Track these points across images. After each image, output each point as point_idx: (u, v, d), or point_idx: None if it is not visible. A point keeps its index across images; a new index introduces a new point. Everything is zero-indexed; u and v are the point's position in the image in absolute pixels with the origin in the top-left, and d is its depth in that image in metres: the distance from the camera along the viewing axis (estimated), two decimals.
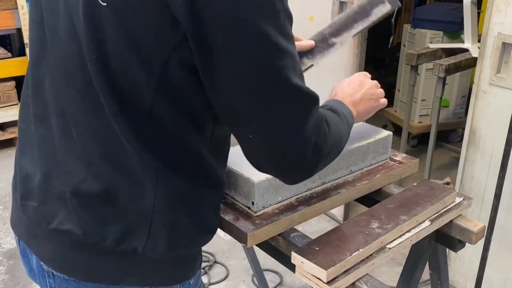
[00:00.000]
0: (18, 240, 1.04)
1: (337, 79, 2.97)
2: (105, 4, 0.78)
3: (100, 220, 0.89)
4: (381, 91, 1.16)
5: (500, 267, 2.18)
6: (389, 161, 1.34)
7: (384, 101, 1.16)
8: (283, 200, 1.12)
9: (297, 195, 1.15)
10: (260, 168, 0.88)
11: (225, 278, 2.53)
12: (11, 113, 3.68)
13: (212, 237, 0.99)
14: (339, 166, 1.20)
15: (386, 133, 1.31)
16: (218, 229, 1.10)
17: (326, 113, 0.94)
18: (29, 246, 0.99)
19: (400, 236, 1.08)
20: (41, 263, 0.96)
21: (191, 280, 0.99)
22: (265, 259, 2.25)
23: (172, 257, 0.93)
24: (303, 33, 3.14)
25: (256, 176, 1.06)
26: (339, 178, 1.22)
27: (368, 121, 1.26)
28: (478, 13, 3.01)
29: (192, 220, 0.93)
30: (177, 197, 0.90)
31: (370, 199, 1.28)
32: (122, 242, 0.89)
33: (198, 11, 0.73)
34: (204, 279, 2.48)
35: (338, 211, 2.97)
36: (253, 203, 1.07)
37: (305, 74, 0.93)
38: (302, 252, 0.97)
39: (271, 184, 1.08)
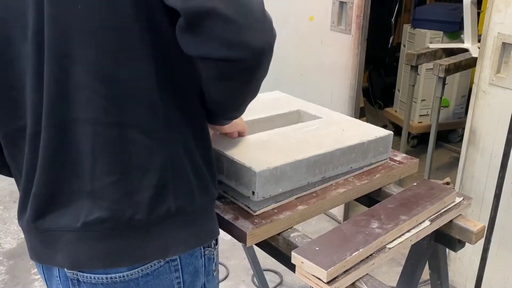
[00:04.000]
0: (42, 270, 1.00)
1: (337, 79, 2.97)
2: None
3: (125, 194, 0.86)
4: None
5: (500, 267, 2.18)
6: (389, 161, 1.34)
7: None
8: (284, 192, 1.12)
9: (297, 193, 1.15)
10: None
11: (225, 278, 2.53)
12: None
13: (217, 189, 1.00)
14: (340, 162, 1.20)
15: (386, 132, 1.31)
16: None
17: None
18: (59, 263, 0.92)
19: (400, 236, 1.08)
20: (65, 271, 0.92)
21: (216, 250, 1.02)
22: (265, 259, 2.25)
23: (200, 208, 0.93)
24: (303, 33, 3.15)
25: (258, 166, 1.06)
26: (339, 174, 1.22)
27: (368, 120, 1.26)
28: (478, 13, 3.01)
29: (203, 164, 0.93)
30: (189, 141, 0.90)
31: (370, 199, 1.28)
32: (154, 208, 0.87)
33: None
34: None
35: (338, 211, 2.97)
36: (253, 192, 1.07)
37: (305, 74, 0.92)
38: (302, 252, 0.97)
39: (272, 174, 1.07)
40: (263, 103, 1.49)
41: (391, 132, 1.32)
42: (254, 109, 1.42)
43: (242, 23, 0.76)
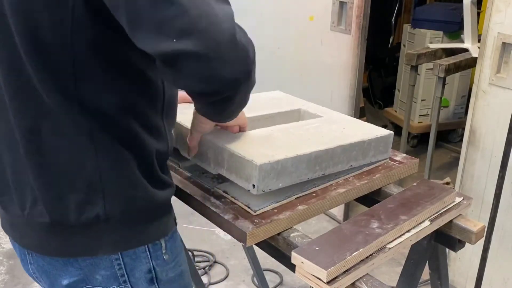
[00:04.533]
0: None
1: (337, 79, 2.98)
2: None
3: (56, 197, 0.92)
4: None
5: (500, 267, 2.18)
6: (389, 161, 1.34)
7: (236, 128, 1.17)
8: (284, 189, 1.12)
9: (297, 193, 1.15)
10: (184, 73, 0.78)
11: (225, 278, 2.53)
12: None
13: (170, 193, 1.02)
14: (340, 160, 1.20)
15: (387, 132, 1.31)
16: (218, 229, 1.10)
17: None
18: (13, 237, 1.05)
19: (400, 236, 1.08)
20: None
21: (165, 241, 1.03)
22: (265, 259, 2.25)
23: (137, 215, 0.96)
24: (303, 33, 3.14)
25: (259, 159, 1.06)
26: (339, 172, 1.22)
27: (368, 120, 1.26)
28: (478, 13, 3.01)
29: (141, 175, 0.94)
30: (119, 154, 0.92)
31: (370, 199, 1.28)
32: (83, 212, 0.92)
33: None
34: (204, 279, 2.48)
35: (338, 211, 2.97)
36: (253, 185, 1.06)
37: (305, 74, 0.92)
38: (302, 252, 0.97)
39: (273, 168, 1.07)
40: (264, 102, 1.49)
41: (392, 132, 1.32)
42: (255, 107, 1.42)
43: (213, 57, 0.76)
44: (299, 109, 1.45)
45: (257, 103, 1.48)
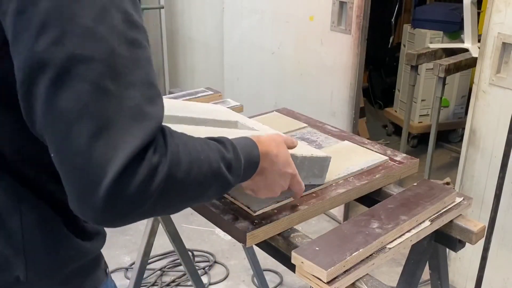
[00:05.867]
0: None
1: (337, 79, 2.97)
2: None
3: None
4: (293, 183, 1.01)
5: (500, 267, 2.18)
6: (389, 161, 1.34)
7: (280, 192, 1.00)
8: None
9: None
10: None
11: (225, 278, 2.53)
12: None
13: (101, 243, 0.92)
14: None
15: (324, 154, 1.18)
16: (218, 229, 1.10)
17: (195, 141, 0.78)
18: None
19: (400, 236, 1.08)
20: None
21: None
22: (265, 259, 2.25)
23: (66, 274, 0.86)
24: (303, 33, 3.15)
25: None
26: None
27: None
28: (478, 13, 3.01)
29: (67, 228, 0.84)
30: (44, 211, 0.82)
31: (370, 199, 1.28)
32: (1, 274, 0.81)
33: None
34: (204, 279, 2.47)
35: (338, 211, 2.97)
36: None
37: (305, 74, 0.90)
38: (302, 252, 0.97)
39: None
40: (202, 110, 1.38)
41: (330, 156, 1.19)
42: (190, 109, 1.33)
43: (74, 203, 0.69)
44: (237, 121, 1.35)
45: (195, 109, 1.37)
